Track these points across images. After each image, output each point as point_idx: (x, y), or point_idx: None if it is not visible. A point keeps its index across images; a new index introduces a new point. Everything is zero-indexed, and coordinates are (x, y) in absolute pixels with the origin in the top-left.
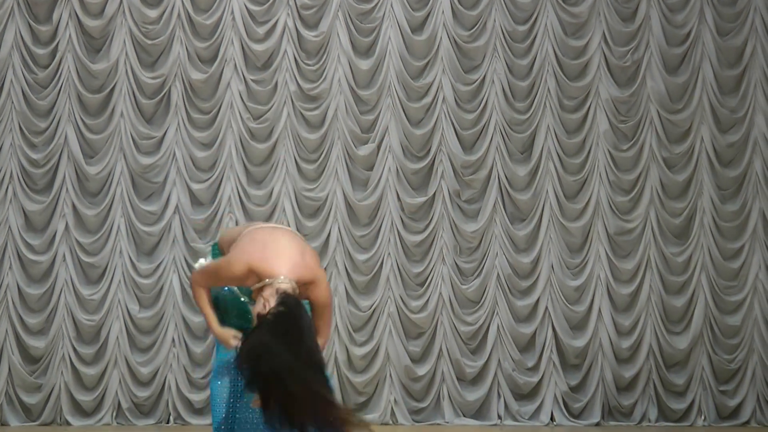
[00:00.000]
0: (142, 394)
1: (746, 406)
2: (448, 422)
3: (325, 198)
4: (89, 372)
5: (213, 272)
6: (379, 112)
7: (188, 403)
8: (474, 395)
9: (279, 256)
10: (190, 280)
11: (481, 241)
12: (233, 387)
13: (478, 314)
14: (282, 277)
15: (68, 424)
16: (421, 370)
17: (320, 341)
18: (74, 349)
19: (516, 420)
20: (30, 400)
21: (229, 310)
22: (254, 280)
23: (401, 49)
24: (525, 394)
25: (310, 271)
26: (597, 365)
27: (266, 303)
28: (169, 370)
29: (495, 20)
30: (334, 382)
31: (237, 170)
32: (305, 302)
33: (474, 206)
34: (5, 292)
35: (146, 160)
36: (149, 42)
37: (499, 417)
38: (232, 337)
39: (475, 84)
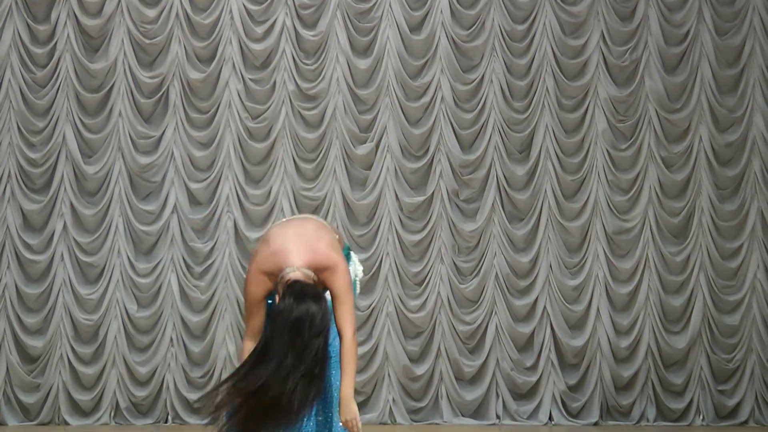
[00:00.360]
0: (141, 393)
1: (744, 405)
2: (446, 422)
3: (323, 197)
4: (87, 371)
5: (245, 302)
6: (378, 111)
7: (186, 403)
8: (472, 395)
9: (285, 249)
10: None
11: (479, 241)
12: None
13: (477, 314)
14: (288, 268)
15: (66, 423)
16: (420, 370)
17: (347, 331)
18: (72, 349)
19: (514, 419)
20: (28, 399)
21: None
22: (273, 279)
23: (400, 49)
24: (523, 394)
25: (322, 256)
26: (595, 365)
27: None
28: (167, 370)
29: (493, 20)
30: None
31: (235, 169)
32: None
33: (472, 206)
34: (3, 291)
35: (144, 160)
36: (147, 41)
37: (498, 416)
38: None
39: (474, 83)
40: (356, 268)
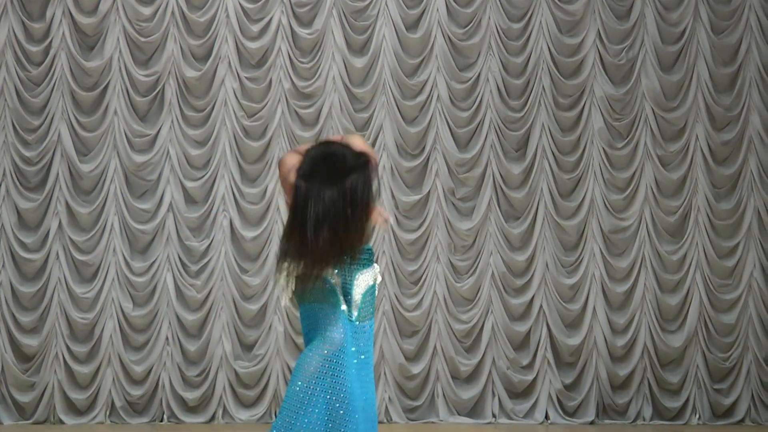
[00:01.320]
0: (136, 392)
1: (741, 404)
2: (442, 420)
3: None
4: (83, 370)
5: (281, 178)
6: (374, 110)
7: (182, 402)
8: (468, 393)
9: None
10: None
11: (475, 239)
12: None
13: (473, 312)
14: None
15: (62, 422)
16: (416, 369)
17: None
18: (68, 348)
19: (510, 418)
20: (23, 398)
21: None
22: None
23: (396, 47)
24: (519, 393)
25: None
26: (591, 363)
27: None
28: (162, 369)
29: (489, 18)
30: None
31: (231, 168)
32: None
33: (468, 204)
34: None
35: (140, 158)
36: (143, 39)
37: (494, 415)
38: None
39: (470, 82)
40: (375, 272)
